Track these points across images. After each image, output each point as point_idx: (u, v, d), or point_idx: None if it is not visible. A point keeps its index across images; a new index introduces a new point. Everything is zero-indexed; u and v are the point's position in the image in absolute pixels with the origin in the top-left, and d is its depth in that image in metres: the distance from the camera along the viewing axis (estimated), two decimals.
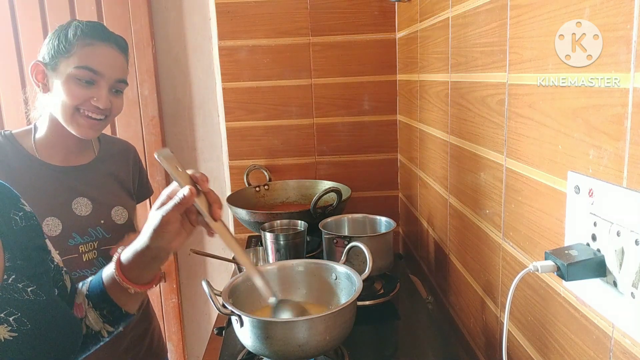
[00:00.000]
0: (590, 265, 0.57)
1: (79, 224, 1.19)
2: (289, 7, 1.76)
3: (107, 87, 1.13)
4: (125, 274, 0.81)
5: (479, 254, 1.02)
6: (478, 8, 0.94)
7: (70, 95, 1.11)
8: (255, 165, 1.84)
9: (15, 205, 0.75)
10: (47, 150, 1.18)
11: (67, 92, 1.11)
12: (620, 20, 0.52)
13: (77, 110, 1.12)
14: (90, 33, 1.13)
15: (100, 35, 1.14)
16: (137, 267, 0.80)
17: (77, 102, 1.11)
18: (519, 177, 0.80)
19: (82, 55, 1.11)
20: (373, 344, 1.08)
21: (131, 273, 0.81)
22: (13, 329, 0.64)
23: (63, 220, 1.16)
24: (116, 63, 1.16)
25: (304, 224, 1.37)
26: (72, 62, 1.10)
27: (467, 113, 1.04)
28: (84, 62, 1.11)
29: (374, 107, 1.84)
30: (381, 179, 1.89)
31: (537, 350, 0.78)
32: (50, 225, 1.15)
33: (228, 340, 1.09)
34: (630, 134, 0.52)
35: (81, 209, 1.20)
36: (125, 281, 0.80)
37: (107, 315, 0.83)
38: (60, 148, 1.19)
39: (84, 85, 1.11)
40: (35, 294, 0.69)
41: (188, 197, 0.74)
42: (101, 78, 1.12)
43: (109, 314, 0.83)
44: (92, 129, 1.15)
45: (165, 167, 0.76)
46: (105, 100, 1.13)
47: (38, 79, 1.15)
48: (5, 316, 0.64)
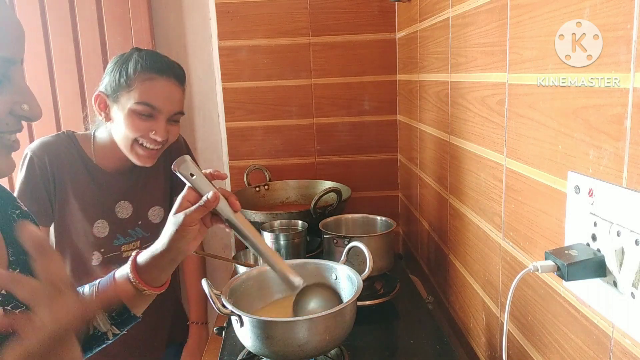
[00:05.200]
0: (590, 265, 0.57)
1: (122, 226, 1.29)
2: (289, 7, 1.76)
3: (165, 120, 1.21)
4: (141, 276, 0.81)
5: (479, 254, 1.02)
6: (478, 8, 0.94)
7: (131, 128, 1.18)
8: (255, 165, 1.84)
9: (12, 204, 0.76)
10: (104, 158, 1.27)
11: (127, 124, 1.18)
12: (620, 20, 0.52)
13: (136, 141, 1.20)
14: (150, 66, 1.19)
15: (160, 68, 1.20)
16: (153, 269, 0.81)
17: (137, 135, 1.19)
18: (519, 177, 0.80)
19: (142, 90, 1.17)
20: (373, 344, 1.08)
21: (147, 275, 0.82)
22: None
23: (110, 223, 1.27)
24: (174, 96, 1.22)
25: (304, 224, 1.37)
26: (132, 96, 1.17)
27: (467, 113, 1.04)
28: (144, 98, 1.17)
29: (374, 107, 1.84)
30: (381, 179, 1.89)
31: (537, 350, 0.78)
32: (99, 227, 1.26)
33: (228, 340, 1.09)
34: (630, 134, 0.52)
35: (122, 212, 1.29)
36: (141, 283, 0.81)
37: (115, 317, 0.84)
38: (117, 159, 1.27)
39: (144, 118, 1.18)
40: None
41: (212, 201, 0.78)
42: (159, 113, 1.19)
43: (117, 316, 0.84)
44: (150, 158, 1.24)
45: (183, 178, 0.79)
46: (163, 133, 1.20)
47: (100, 107, 1.23)
48: (11, 309, 0.64)
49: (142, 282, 0.81)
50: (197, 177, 0.79)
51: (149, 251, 0.82)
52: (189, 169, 0.78)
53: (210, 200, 0.77)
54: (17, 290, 0.50)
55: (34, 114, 0.62)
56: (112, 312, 0.84)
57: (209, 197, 0.77)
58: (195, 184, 0.79)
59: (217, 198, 0.78)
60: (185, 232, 0.77)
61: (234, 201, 0.80)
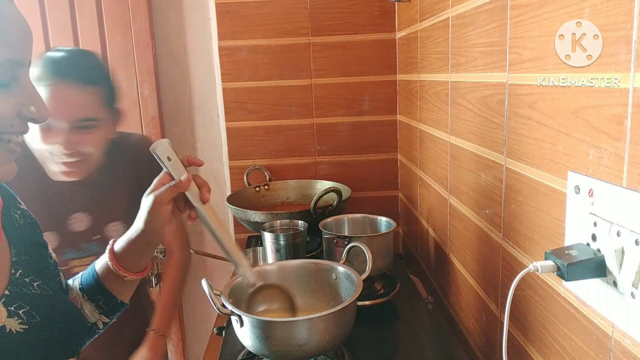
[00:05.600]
0: (590, 265, 0.57)
1: (74, 240, 1.17)
2: (289, 7, 1.76)
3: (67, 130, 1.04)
4: (119, 262, 0.82)
5: (479, 254, 1.02)
6: (478, 8, 0.94)
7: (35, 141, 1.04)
8: (255, 165, 1.84)
9: (13, 205, 0.77)
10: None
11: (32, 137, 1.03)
12: (620, 20, 0.52)
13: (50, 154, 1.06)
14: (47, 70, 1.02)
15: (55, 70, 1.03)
16: (131, 254, 0.82)
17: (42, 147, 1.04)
18: (519, 177, 0.80)
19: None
20: (373, 344, 1.08)
21: (125, 261, 0.83)
22: (24, 322, 0.65)
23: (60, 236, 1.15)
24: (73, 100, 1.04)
25: (304, 224, 1.36)
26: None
27: (467, 113, 1.04)
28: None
29: (374, 107, 1.84)
30: (381, 179, 1.89)
31: (537, 350, 0.78)
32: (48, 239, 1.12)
33: (228, 340, 1.09)
34: (630, 134, 0.52)
35: (77, 225, 1.17)
36: (121, 269, 0.82)
37: (103, 306, 0.85)
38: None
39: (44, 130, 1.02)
40: (41, 288, 0.71)
41: (184, 182, 0.78)
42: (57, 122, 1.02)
43: (105, 305, 0.85)
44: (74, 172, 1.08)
45: (160, 161, 0.80)
46: (67, 144, 1.04)
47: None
48: (15, 309, 0.65)
49: (122, 269, 0.82)
50: (173, 161, 0.79)
51: (124, 237, 0.82)
52: (165, 153, 0.79)
53: (183, 181, 0.78)
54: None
55: (41, 116, 0.63)
56: (98, 301, 0.85)
57: (182, 178, 0.78)
58: (171, 168, 0.79)
59: (189, 181, 0.79)
60: (156, 213, 0.77)
61: (205, 192, 0.81)
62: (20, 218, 0.76)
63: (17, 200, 0.78)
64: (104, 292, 0.84)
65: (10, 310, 0.65)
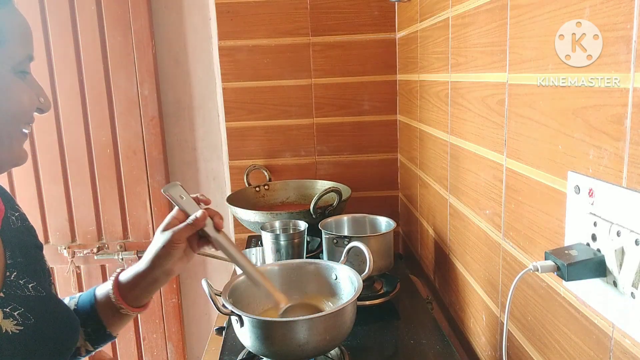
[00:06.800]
0: (590, 265, 0.57)
1: None
2: (289, 7, 1.76)
3: None
4: (122, 294, 0.81)
5: (479, 254, 1.02)
6: (478, 8, 0.94)
7: None
8: (255, 165, 1.84)
9: (11, 207, 0.77)
10: None
11: None
12: (620, 20, 0.52)
13: None
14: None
15: None
16: (136, 288, 0.82)
17: None
18: (519, 177, 0.80)
19: None
20: (373, 344, 1.08)
21: (129, 294, 0.82)
22: (19, 323, 0.66)
23: None
24: None
25: (304, 224, 1.36)
26: None
27: (467, 113, 1.04)
28: None
29: (374, 107, 1.84)
30: (381, 179, 1.89)
31: (537, 350, 0.78)
32: None
33: (228, 340, 1.09)
34: (630, 134, 0.52)
35: None
36: (122, 302, 0.81)
37: (90, 334, 0.84)
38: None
39: None
40: (36, 290, 0.71)
41: (201, 219, 0.79)
42: None
43: (93, 333, 0.84)
44: None
45: (173, 201, 0.82)
46: None
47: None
48: (10, 311, 0.66)
49: (123, 301, 0.81)
50: (186, 199, 0.82)
51: (132, 269, 0.82)
52: (178, 192, 0.82)
53: (199, 218, 0.79)
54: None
55: (46, 106, 0.68)
56: (87, 327, 0.83)
57: (198, 215, 0.79)
58: (184, 205, 0.82)
59: (205, 217, 0.80)
60: (172, 249, 0.78)
61: (219, 220, 0.82)
62: (16, 220, 0.76)
63: (15, 203, 0.78)
64: (96, 320, 0.83)
65: (5, 312, 0.65)
